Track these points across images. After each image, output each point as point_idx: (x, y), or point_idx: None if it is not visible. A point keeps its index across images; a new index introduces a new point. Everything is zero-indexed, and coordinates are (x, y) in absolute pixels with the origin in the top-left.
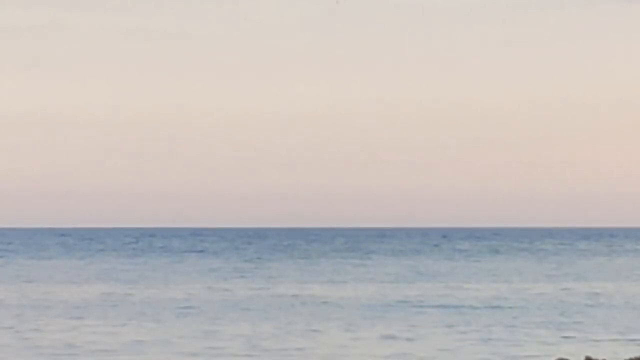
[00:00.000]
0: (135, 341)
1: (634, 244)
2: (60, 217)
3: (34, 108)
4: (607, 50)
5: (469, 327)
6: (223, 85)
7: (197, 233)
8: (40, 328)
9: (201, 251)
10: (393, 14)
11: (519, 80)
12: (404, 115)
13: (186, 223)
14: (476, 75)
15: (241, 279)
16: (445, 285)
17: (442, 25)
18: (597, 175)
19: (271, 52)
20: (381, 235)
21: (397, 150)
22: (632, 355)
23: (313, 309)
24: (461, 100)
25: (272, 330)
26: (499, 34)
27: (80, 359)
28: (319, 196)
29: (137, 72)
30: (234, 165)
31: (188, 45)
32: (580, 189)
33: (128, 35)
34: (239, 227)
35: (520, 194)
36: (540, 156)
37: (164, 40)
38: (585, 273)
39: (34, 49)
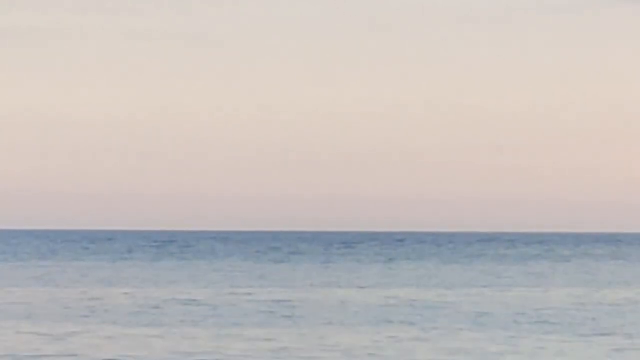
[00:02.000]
0: (145, 345)
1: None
2: (61, 219)
3: (35, 108)
4: (610, 53)
5: (477, 334)
6: (223, 85)
7: (199, 236)
8: (51, 332)
9: (209, 253)
10: (393, 14)
11: (521, 83)
12: (404, 117)
13: (186, 225)
14: (477, 77)
15: (247, 283)
16: (449, 291)
17: (443, 26)
18: (600, 180)
19: (271, 52)
20: (382, 238)
21: (397, 151)
22: None
23: (319, 313)
24: (462, 102)
25: (276, 334)
26: (499, 35)
27: None
28: (318, 198)
29: (137, 72)
30: (233, 166)
31: (188, 45)
32: (583, 193)
33: (128, 35)
34: (238, 230)
35: (522, 197)
36: (543, 159)
37: (164, 40)
38: (591, 279)
39: (33, 50)
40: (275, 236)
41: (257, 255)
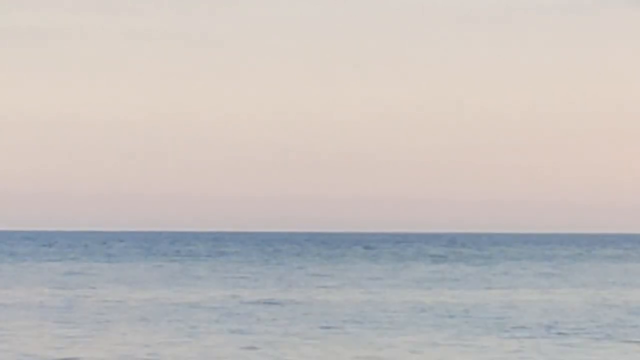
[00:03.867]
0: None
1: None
2: (64, 220)
3: (35, 108)
4: (609, 53)
5: (483, 337)
6: (223, 85)
7: (198, 237)
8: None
9: (219, 254)
10: (393, 15)
11: (521, 83)
12: (404, 117)
13: (185, 226)
14: (477, 77)
15: (249, 284)
16: (444, 292)
17: (442, 26)
18: (599, 180)
19: (271, 52)
20: (380, 240)
21: (396, 152)
22: None
23: (316, 315)
24: (463, 102)
25: (277, 337)
26: (499, 36)
27: None
28: (319, 198)
29: (137, 73)
30: (233, 166)
31: (188, 45)
32: (582, 194)
33: (128, 35)
34: (237, 230)
35: (522, 198)
36: (543, 160)
37: (164, 40)
38: (589, 279)
39: (34, 50)
40: (276, 237)
41: (258, 256)
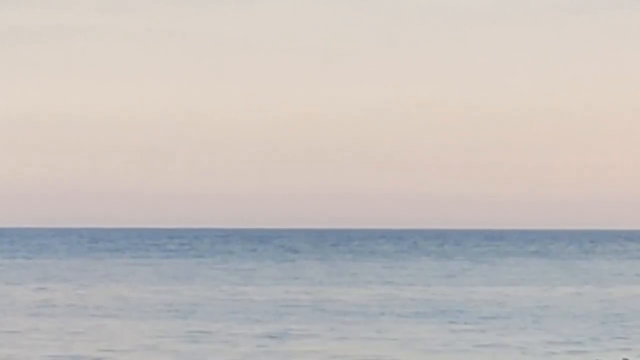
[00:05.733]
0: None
1: None
2: (66, 218)
3: (36, 109)
4: (612, 55)
5: (482, 334)
6: (224, 87)
7: (196, 235)
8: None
9: (218, 251)
10: (395, 16)
11: (525, 83)
12: (407, 116)
13: (183, 224)
14: (482, 77)
15: (244, 282)
16: (449, 289)
17: (446, 27)
18: (607, 179)
19: (272, 52)
20: (383, 236)
21: (399, 151)
22: None
23: (308, 313)
24: (466, 102)
25: (274, 332)
26: (504, 36)
27: None
28: (319, 197)
29: (138, 73)
30: (235, 166)
31: (188, 45)
32: (589, 192)
33: (128, 36)
34: (237, 228)
35: (527, 196)
36: (547, 159)
37: (165, 41)
38: (599, 276)
39: (31, 52)
40: (282, 234)
41: (266, 254)
